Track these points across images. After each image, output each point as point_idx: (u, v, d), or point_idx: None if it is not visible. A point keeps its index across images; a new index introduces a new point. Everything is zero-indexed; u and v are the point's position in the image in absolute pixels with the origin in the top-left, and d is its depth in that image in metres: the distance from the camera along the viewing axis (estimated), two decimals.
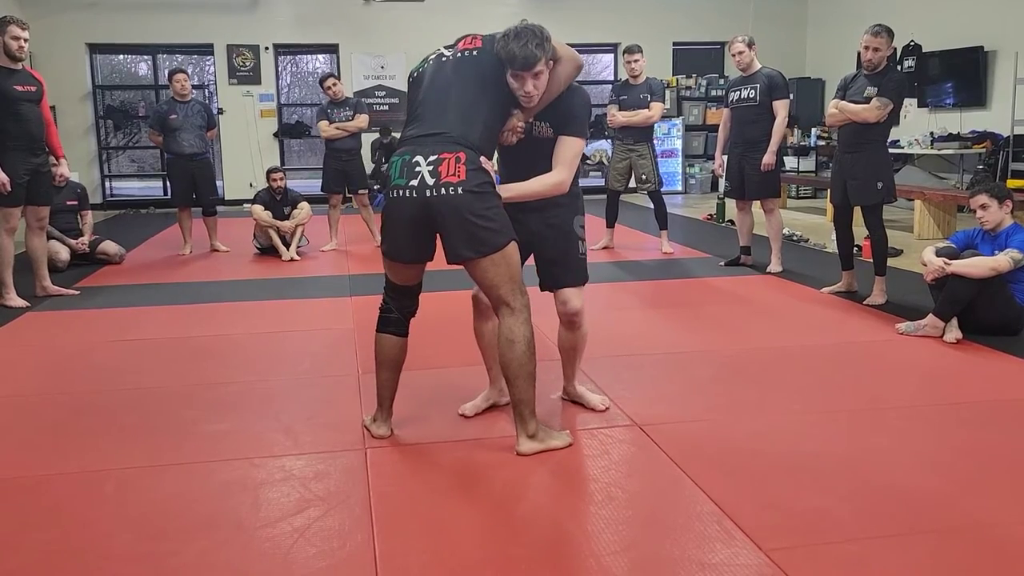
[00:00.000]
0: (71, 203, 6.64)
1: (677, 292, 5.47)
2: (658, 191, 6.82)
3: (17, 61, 4.98)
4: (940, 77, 9.69)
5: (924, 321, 4.14)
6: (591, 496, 2.51)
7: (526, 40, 2.53)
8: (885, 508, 2.36)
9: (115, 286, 5.86)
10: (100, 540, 2.25)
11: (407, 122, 2.73)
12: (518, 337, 2.63)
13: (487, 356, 3.09)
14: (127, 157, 14.38)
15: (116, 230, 8.53)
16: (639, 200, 9.76)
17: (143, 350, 4.14)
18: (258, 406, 3.24)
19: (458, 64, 2.68)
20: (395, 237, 2.66)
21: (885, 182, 4.81)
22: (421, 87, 2.71)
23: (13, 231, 5.12)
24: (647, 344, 4.15)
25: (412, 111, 2.71)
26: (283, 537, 2.24)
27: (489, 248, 2.56)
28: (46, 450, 2.88)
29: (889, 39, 4.75)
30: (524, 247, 2.76)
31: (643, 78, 6.73)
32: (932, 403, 3.28)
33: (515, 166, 2.86)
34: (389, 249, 2.70)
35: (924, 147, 9.34)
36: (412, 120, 2.69)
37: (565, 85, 2.73)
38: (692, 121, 12.48)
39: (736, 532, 2.23)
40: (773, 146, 5.79)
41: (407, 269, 2.76)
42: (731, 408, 3.21)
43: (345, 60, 11.73)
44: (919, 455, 2.75)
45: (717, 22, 12.14)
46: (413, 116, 2.69)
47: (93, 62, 11.67)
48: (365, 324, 4.57)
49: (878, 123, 4.74)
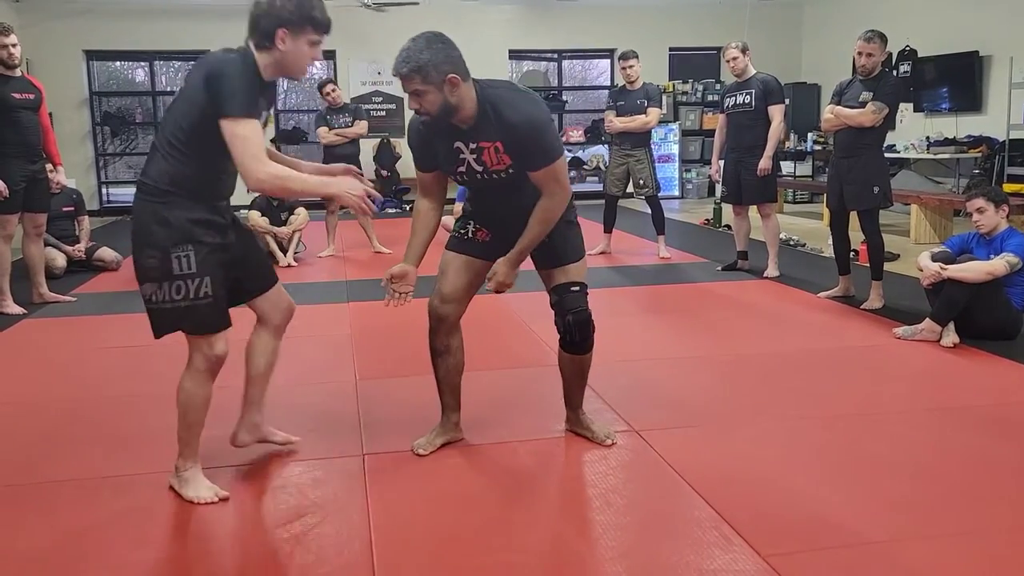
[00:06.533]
0: (68, 209, 6.63)
1: (674, 297, 5.47)
2: (655, 196, 6.83)
3: (11, 68, 4.97)
4: (936, 82, 9.72)
5: (921, 326, 4.14)
6: (589, 502, 2.51)
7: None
8: (883, 513, 2.36)
9: (112, 292, 5.85)
10: (96, 548, 2.25)
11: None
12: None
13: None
14: (124, 163, 14.36)
15: (113, 237, 8.50)
16: (636, 205, 9.77)
17: (139, 356, 4.13)
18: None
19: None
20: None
21: (881, 187, 4.82)
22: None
23: (10, 238, 5.11)
24: (644, 349, 4.15)
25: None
26: (281, 544, 2.24)
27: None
28: (42, 457, 2.87)
29: (882, 45, 4.77)
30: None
31: (640, 83, 6.75)
32: (929, 407, 3.29)
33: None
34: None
35: (920, 152, 9.36)
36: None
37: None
38: (689, 126, 12.50)
39: (734, 537, 2.23)
40: (769, 151, 5.79)
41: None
42: (729, 413, 3.21)
43: (342, 66, 11.74)
44: (917, 460, 2.75)
45: (713, 28, 12.17)
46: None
47: (90, 69, 11.65)
48: (363, 330, 4.58)
49: (874, 128, 4.75)
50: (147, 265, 2.35)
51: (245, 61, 2.32)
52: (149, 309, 2.41)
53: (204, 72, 2.28)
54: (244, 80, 2.27)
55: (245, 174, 2.28)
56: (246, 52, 2.35)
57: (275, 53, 2.34)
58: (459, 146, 2.56)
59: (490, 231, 2.76)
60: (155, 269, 2.33)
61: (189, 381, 2.46)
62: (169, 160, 2.34)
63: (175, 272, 2.32)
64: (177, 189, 2.34)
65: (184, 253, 2.33)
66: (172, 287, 2.34)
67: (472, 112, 2.49)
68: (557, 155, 2.51)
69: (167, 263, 2.32)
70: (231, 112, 2.23)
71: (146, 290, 2.38)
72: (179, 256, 2.33)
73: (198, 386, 2.46)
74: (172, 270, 2.33)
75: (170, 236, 2.33)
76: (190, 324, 2.41)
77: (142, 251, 2.36)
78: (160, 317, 2.40)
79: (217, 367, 2.48)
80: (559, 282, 2.72)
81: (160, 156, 2.35)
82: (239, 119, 2.24)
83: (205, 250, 2.37)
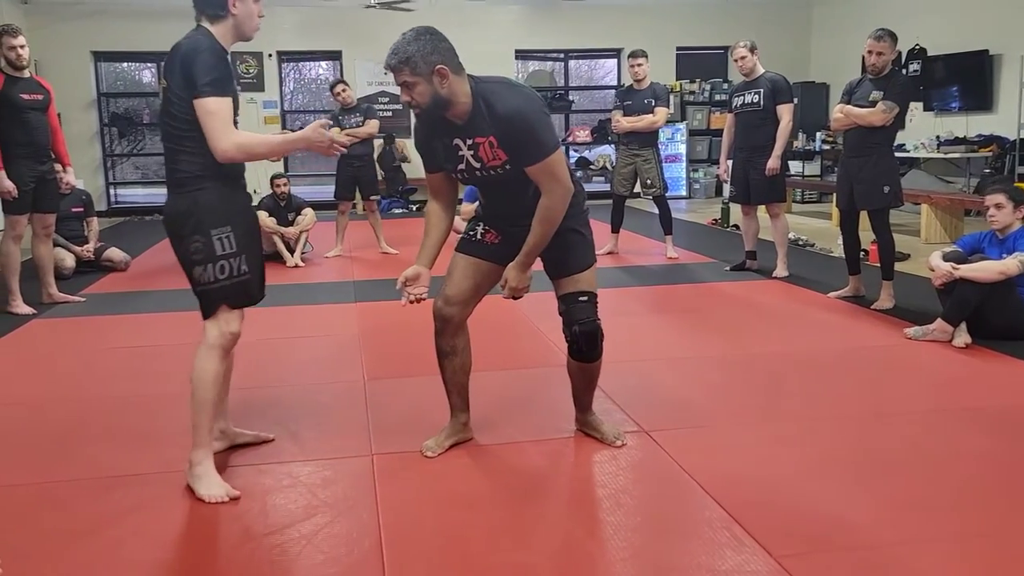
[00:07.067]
0: (76, 210, 6.65)
1: (683, 297, 5.45)
2: (663, 196, 6.81)
3: (20, 69, 4.98)
4: (946, 81, 9.67)
5: (933, 326, 4.12)
6: (599, 502, 2.50)
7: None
8: (896, 515, 2.35)
9: (120, 293, 5.86)
10: (106, 547, 2.24)
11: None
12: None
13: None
14: (131, 164, 14.39)
15: (121, 237, 8.53)
16: (644, 205, 9.75)
17: (149, 356, 4.14)
18: (265, 412, 3.23)
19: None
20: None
21: (892, 186, 4.80)
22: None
23: (20, 238, 5.13)
24: (653, 349, 4.14)
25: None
26: (291, 544, 2.23)
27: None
28: (53, 457, 2.87)
29: (892, 43, 4.74)
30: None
31: (647, 83, 6.73)
32: (941, 408, 3.26)
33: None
34: None
35: (930, 151, 9.32)
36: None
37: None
38: (696, 126, 12.47)
39: (746, 538, 2.21)
40: (777, 150, 5.77)
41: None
42: (739, 414, 3.19)
43: (348, 67, 11.75)
44: (929, 461, 2.74)
45: (721, 27, 12.14)
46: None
47: (98, 70, 11.69)
48: (370, 330, 4.58)
49: (884, 127, 4.73)
50: (193, 250, 2.46)
51: (209, 39, 2.44)
52: (199, 292, 2.53)
53: (179, 61, 2.40)
54: (214, 57, 2.40)
55: (213, 147, 2.38)
56: (205, 31, 2.47)
57: (230, 20, 2.48)
58: (457, 143, 2.57)
59: (499, 233, 2.75)
60: (200, 252, 2.46)
61: (202, 358, 2.54)
62: (188, 153, 2.44)
63: (218, 252, 2.46)
64: (207, 173, 2.45)
65: (225, 234, 2.47)
66: (216, 267, 2.47)
67: (467, 108, 2.50)
68: (551, 149, 2.48)
69: (210, 245, 2.45)
70: (202, 91, 2.36)
71: (195, 274, 2.50)
72: (220, 237, 2.46)
73: (210, 361, 2.53)
74: (216, 251, 2.46)
75: (211, 219, 2.45)
76: (233, 299, 2.54)
77: (187, 238, 2.46)
78: (209, 297, 2.52)
79: (231, 344, 2.58)
80: (567, 291, 2.71)
81: (178, 152, 2.46)
82: (208, 97, 2.36)
83: (240, 229, 2.50)
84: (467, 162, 2.58)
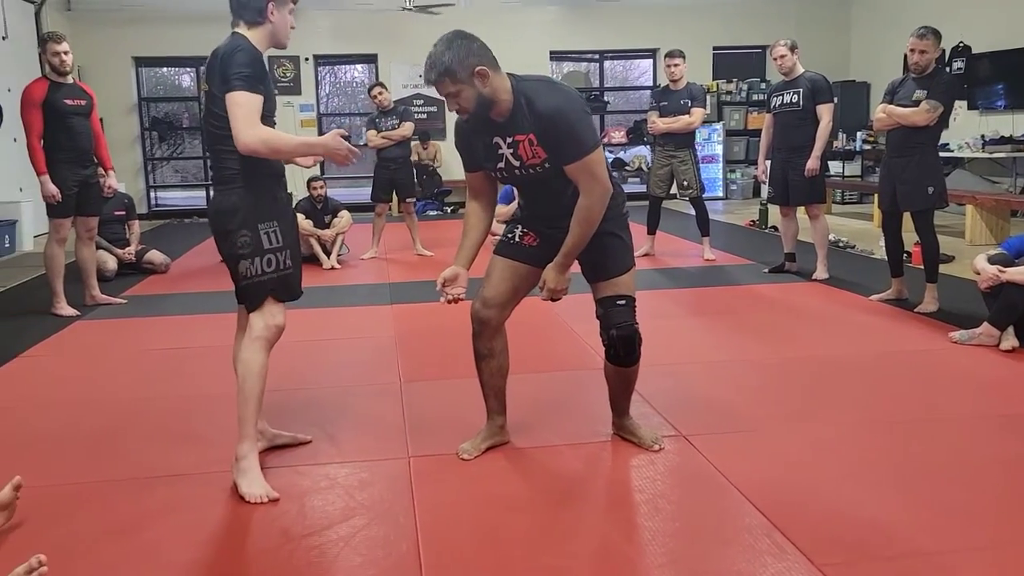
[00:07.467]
0: (119, 213, 6.77)
1: (721, 300, 5.39)
2: (700, 197, 6.75)
3: (64, 75, 5.08)
4: (991, 79, 9.47)
5: (979, 329, 4.02)
6: (637, 507, 2.47)
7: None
8: (940, 523, 2.29)
9: (161, 295, 5.95)
10: (146, 547, 2.27)
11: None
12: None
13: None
14: (171, 167, 14.64)
15: (161, 239, 8.67)
16: (680, 206, 9.68)
17: (189, 358, 4.20)
18: (301, 414, 3.26)
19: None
20: None
21: (936, 187, 4.70)
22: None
23: (64, 241, 5.23)
24: (691, 353, 4.09)
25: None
26: (329, 546, 2.24)
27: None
28: (96, 457, 2.92)
29: (936, 41, 4.65)
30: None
31: (684, 83, 6.67)
32: (988, 414, 3.18)
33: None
34: None
35: (975, 150, 9.13)
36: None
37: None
38: (733, 126, 12.35)
39: (787, 546, 2.17)
40: (817, 151, 5.69)
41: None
42: (779, 418, 3.14)
43: (384, 69, 11.82)
44: (974, 468, 2.67)
45: (758, 26, 12.01)
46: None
47: (139, 75, 11.91)
48: (406, 332, 4.59)
49: (928, 127, 4.63)
50: (240, 244, 2.52)
51: (245, 43, 2.51)
52: (245, 286, 2.58)
53: (218, 63, 2.46)
54: (248, 56, 2.46)
55: (236, 139, 2.42)
56: (241, 36, 2.54)
57: (267, 26, 2.56)
58: (497, 141, 2.56)
59: (537, 235, 2.74)
60: (248, 246, 2.51)
61: (247, 351, 2.58)
62: (231, 151, 2.48)
63: (265, 246, 2.53)
64: (252, 171, 2.51)
65: (272, 228, 2.54)
66: (263, 260, 2.54)
67: (508, 105, 2.51)
68: (590, 148, 2.47)
69: (258, 239, 2.51)
70: (233, 86, 2.41)
71: (241, 268, 2.55)
72: (267, 232, 2.53)
73: (255, 353, 2.57)
74: (263, 244, 2.53)
75: (257, 213, 2.52)
76: (279, 292, 2.60)
77: (233, 234, 2.52)
78: (255, 290, 2.57)
79: (276, 337, 2.63)
80: (605, 295, 2.69)
81: (222, 152, 2.51)
82: (237, 91, 2.41)
83: (285, 224, 2.59)
84: (506, 160, 2.58)
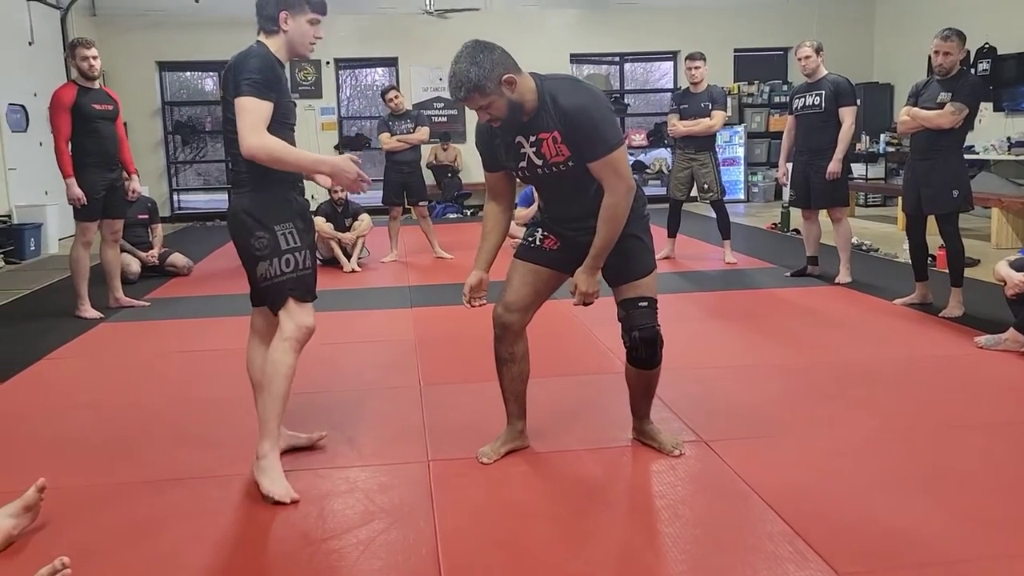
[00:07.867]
0: (142, 217, 6.84)
1: (742, 303, 5.35)
2: (721, 200, 6.71)
3: (92, 80, 5.14)
4: (1017, 80, 9.35)
5: (1005, 335, 3.96)
6: (657, 513, 2.46)
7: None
8: (965, 530, 2.26)
9: (184, 298, 6.00)
10: (167, 548, 2.29)
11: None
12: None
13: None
14: (194, 171, 14.78)
15: (184, 242, 8.75)
16: (701, 209, 9.63)
17: (211, 360, 4.23)
18: (322, 417, 3.27)
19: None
20: None
21: (961, 189, 4.64)
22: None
23: (89, 244, 5.29)
24: (712, 357, 4.06)
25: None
26: (348, 549, 2.25)
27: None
28: (118, 458, 2.94)
29: (960, 43, 4.59)
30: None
31: (704, 85, 6.64)
32: (1014, 420, 3.13)
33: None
34: None
35: (1000, 152, 9.02)
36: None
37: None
38: (754, 128, 12.28)
39: (810, 553, 2.15)
40: (839, 154, 5.64)
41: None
42: (802, 424, 3.11)
43: (404, 72, 11.87)
44: (1000, 475, 2.63)
45: (780, 28, 11.93)
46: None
47: (162, 79, 12.03)
48: (426, 336, 4.60)
49: (953, 129, 4.58)
50: (258, 246, 2.55)
51: (261, 49, 2.57)
52: (264, 287, 2.60)
53: (232, 69, 2.51)
54: (261, 62, 2.50)
55: (240, 142, 2.45)
56: (262, 43, 2.60)
57: (282, 36, 2.60)
58: (520, 140, 2.56)
59: (558, 238, 2.73)
60: (266, 247, 2.55)
61: (277, 351, 2.59)
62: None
63: (283, 247, 2.56)
64: (268, 175, 2.54)
65: (289, 230, 2.58)
66: (282, 261, 2.56)
67: (533, 105, 2.51)
68: (614, 145, 2.47)
69: (275, 240, 2.55)
70: (241, 91, 2.45)
71: (260, 270, 2.58)
72: (284, 233, 2.57)
73: (285, 354, 2.58)
74: (280, 245, 2.56)
75: (274, 215, 2.56)
76: (301, 292, 2.61)
77: (251, 235, 2.55)
78: (276, 291, 2.59)
79: (306, 338, 2.63)
80: (627, 296, 2.68)
81: (238, 157, 2.53)
82: (245, 96, 2.44)
83: (302, 226, 2.62)
84: (528, 159, 2.57)
